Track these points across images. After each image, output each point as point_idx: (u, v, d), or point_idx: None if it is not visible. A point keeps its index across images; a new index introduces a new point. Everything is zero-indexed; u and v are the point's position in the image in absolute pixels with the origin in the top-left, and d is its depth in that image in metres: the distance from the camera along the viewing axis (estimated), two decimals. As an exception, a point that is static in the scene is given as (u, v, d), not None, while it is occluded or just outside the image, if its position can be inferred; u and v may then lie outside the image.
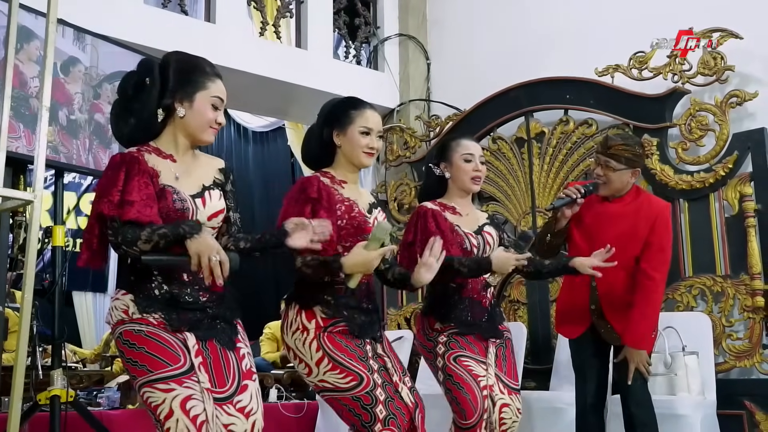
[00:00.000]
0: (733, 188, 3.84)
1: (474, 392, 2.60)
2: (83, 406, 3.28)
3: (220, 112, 2.17)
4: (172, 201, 2.06)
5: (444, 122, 5.20)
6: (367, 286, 2.51)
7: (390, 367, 2.48)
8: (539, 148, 4.63)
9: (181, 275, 2.08)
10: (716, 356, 3.71)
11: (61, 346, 3.00)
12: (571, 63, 4.57)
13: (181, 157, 2.16)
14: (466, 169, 2.84)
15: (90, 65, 3.21)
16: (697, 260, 3.95)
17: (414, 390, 2.48)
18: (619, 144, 2.92)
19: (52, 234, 3.03)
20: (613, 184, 2.95)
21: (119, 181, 2.02)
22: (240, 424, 2.02)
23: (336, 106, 2.59)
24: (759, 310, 3.68)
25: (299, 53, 5.35)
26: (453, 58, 5.57)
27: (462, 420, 2.58)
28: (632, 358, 2.88)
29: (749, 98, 3.85)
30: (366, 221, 2.49)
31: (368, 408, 2.33)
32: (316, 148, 2.60)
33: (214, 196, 2.17)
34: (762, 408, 3.61)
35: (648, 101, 4.17)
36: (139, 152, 2.11)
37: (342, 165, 2.56)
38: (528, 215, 4.64)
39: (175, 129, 2.15)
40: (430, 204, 2.86)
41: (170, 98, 2.12)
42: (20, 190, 2.40)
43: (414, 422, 2.40)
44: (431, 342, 2.78)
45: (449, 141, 2.95)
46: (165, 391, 1.95)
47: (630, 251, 2.89)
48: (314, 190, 2.42)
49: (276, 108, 5.89)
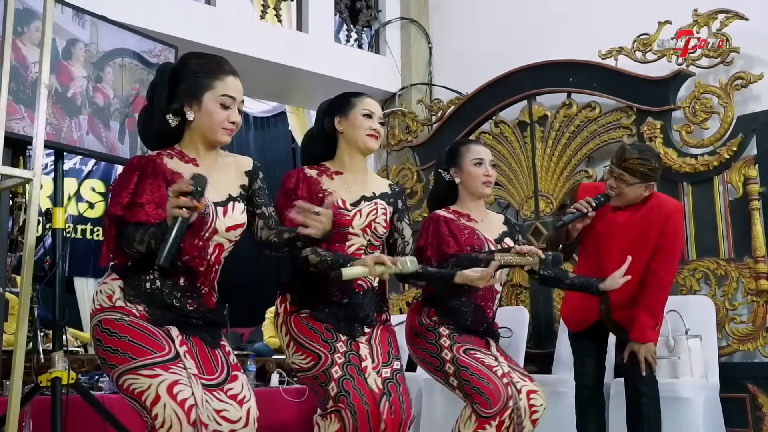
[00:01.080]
0: (738, 171, 3.81)
1: (494, 380, 2.57)
2: (84, 388, 3.27)
3: (232, 111, 2.09)
4: None
5: (446, 106, 5.17)
6: (373, 290, 2.48)
7: (365, 353, 2.41)
8: (542, 131, 4.61)
9: (179, 278, 2.05)
10: (719, 340, 3.70)
11: (62, 328, 2.98)
12: (574, 46, 4.54)
13: (203, 160, 2.12)
14: (477, 173, 2.80)
15: (90, 42, 3.18)
16: (701, 244, 3.93)
17: (391, 382, 2.39)
18: (634, 157, 2.86)
19: (52, 216, 3.00)
20: (626, 196, 2.91)
21: (131, 183, 2.01)
22: (234, 411, 1.97)
23: (335, 97, 2.59)
24: (763, 294, 3.67)
25: (300, 37, 5.31)
26: (455, 42, 5.53)
27: (486, 409, 2.51)
28: (639, 350, 2.89)
29: (754, 80, 3.82)
30: (341, 214, 2.38)
31: (323, 385, 2.33)
32: (316, 145, 2.59)
33: (237, 209, 2.12)
34: (765, 391, 3.61)
35: (652, 84, 4.14)
36: (159, 155, 2.08)
37: (343, 155, 2.52)
38: (530, 199, 4.61)
39: (192, 132, 2.12)
40: (443, 212, 2.82)
41: (179, 102, 2.08)
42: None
43: (379, 408, 2.31)
44: (432, 333, 2.71)
45: (458, 146, 2.92)
46: (150, 377, 1.88)
47: (641, 258, 2.88)
48: (292, 181, 2.45)
49: (276, 92, 5.86)
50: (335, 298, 2.42)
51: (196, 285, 2.08)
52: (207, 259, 2.09)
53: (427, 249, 2.71)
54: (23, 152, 2.94)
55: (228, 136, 2.12)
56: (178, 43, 3.76)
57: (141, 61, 3.42)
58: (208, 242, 2.08)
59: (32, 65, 2.90)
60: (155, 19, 4.31)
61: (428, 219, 2.82)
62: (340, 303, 2.43)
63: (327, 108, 2.57)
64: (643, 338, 2.90)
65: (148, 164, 2.05)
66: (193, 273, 2.07)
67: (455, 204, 2.87)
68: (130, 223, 1.98)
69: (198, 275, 2.08)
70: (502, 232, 2.87)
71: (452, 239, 2.72)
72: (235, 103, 2.11)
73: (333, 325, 2.40)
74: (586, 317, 3.04)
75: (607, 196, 2.91)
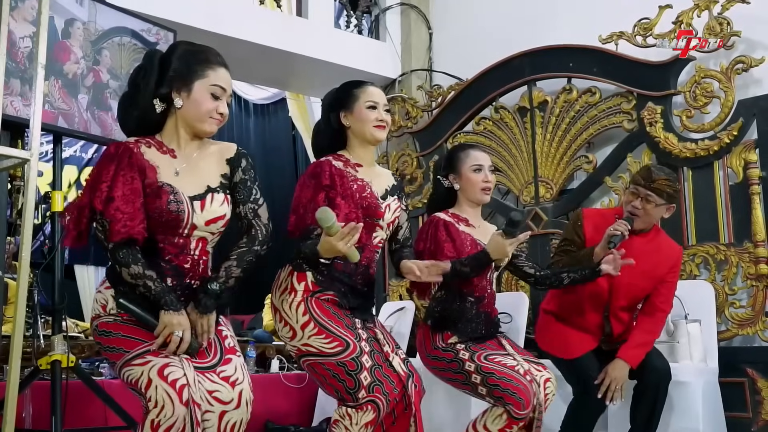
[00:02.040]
0: (738, 155, 3.80)
1: (522, 381, 2.61)
2: (84, 371, 3.28)
3: (221, 102, 2.09)
4: (167, 202, 2.01)
5: (446, 92, 5.15)
6: (367, 269, 2.48)
7: (381, 338, 2.44)
8: (542, 117, 4.59)
9: (165, 279, 2.04)
10: (719, 324, 3.70)
11: (62, 311, 2.99)
12: (575, 31, 4.52)
13: (184, 151, 2.10)
14: (476, 179, 2.82)
15: (88, 20, 3.16)
16: (701, 228, 3.92)
17: (408, 361, 2.44)
18: (663, 179, 2.89)
19: (51, 200, 3.00)
20: (650, 217, 2.94)
21: (109, 174, 1.99)
22: (226, 392, 1.98)
23: (337, 90, 2.58)
24: (762, 278, 3.67)
25: (300, 22, 5.29)
26: (455, 27, 5.50)
27: (519, 410, 2.55)
28: (612, 373, 2.87)
29: (755, 64, 3.80)
30: (377, 204, 2.45)
31: (353, 374, 2.28)
32: (325, 139, 2.58)
33: (216, 201, 2.09)
34: (764, 375, 3.60)
35: (652, 68, 4.12)
36: (136, 143, 2.07)
37: (355, 147, 2.53)
38: (530, 185, 4.61)
39: (176, 120, 2.10)
40: (443, 215, 2.84)
41: (167, 88, 2.06)
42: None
43: (407, 391, 2.35)
44: (450, 352, 2.74)
45: (457, 152, 2.93)
46: (142, 364, 1.92)
47: (646, 286, 2.93)
48: (326, 176, 2.38)
49: (276, 78, 5.84)
50: (359, 286, 2.44)
51: (185, 282, 2.06)
52: (191, 255, 2.07)
53: (425, 254, 2.71)
54: (21, 136, 2.94)
55: (215, 127, 2.10)
56: (177, 28, 3.75)
57: (140, 40, 3.40)
58: (189, 239, 2.07)
59: (20, 40, 2.87)
60: (154, 3, 4.29)
61: (428, 222, 2.82)
62: (361, 291, 2.45)
63: (330, 103, 2.56)
64: (629, 360, 2.89)
65: (125, 154, 2.02)
66: (179, 270, 2.06)
67: (454, 207, 2.89)
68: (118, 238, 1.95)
69: (185, 272, 2.07)
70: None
71: (449, 243, 2.73)
72: (225, 95, 2.10)
73: (351, 312, 2.41)
74: (581, 348, 3.01)
75: (631, 220, 2.91)
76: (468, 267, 2.68)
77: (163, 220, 2.01)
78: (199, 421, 1.89)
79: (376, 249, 2.50)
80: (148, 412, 1.89)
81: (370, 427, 2.30)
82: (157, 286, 1.97)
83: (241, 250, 2.11)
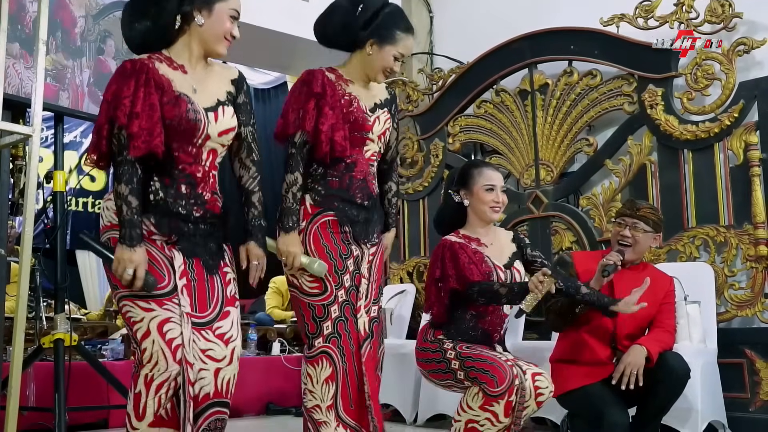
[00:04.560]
0: (739, 137, 3.80)
1: (498, 361, 2.58)
2: (86, 349, 3.30)
3: (235, 25, 2.18)
4: (186, 111, 2.08)
5: (447, 75, 5.15)
6: (364, 182, 2.49)
7: (363, 289, 2.47)
8: (543, 100, 4.59)
9: (180, 186, 2.10)
10: (718, 306, 3.71)
11: (65, 290, 3.00)
12: (576, 13, 4.51)
13: (193, 68, 2.17)
14: (487, 199, 2.79)
15: (89, -7, 3.17)
16: (701, 210, 3.93)
17: (375, 322, 2.48)
18: (646, 207, 3.03)
19: (53, 180, 3.02)
20: (639, 246, 2.99)
21: (130, 89, 2.03)
22: (219, 350, 2.05)
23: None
24: (762, 260, 3.67)
25: (301, 5, 5.26)
26: (456, 11, 5.50)
27: (493, 387, 2.51)
28: (627, 358, 2.78)
29: (757, 46, 3.79)
30: (365, 118, 2.47)
31: (317, 320, 2.37)
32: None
33: (227, 113, 2.18)
34: (762, 356, 3.63)
35: (653, 51, 4.11)
36: (150, 59, 2.11)
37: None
38: (531, 168, 4.61)
39: (191, 38, 2.16)
40: (454, 237, 2.81)
41: (189, 5, 2.13)
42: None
43: (360, 350, 2.39)
44: (436, 344, 2.73)
45: (471, 169, 2.89)
46: (145, 310, 1.99)
47: (651, 311, 2.92)
48: (318, 84, 2.41)
49: (277, 62, 5.84)
50: (358, 200, 2.47)
51: (197, 191, 2.12)
52: (202, 165, 2.14)
53: (448, 280, 2.69)
54: (23, 115, 2.94)
55: (226, 49, 2.18)
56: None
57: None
58: (201, 148, 2.13)
59: (29, 3, 2.88)
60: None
61: (441, 247, 2.77)
62: (362, 205, 2.48)
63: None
64: (649, 343, 2.81)
65: (142, 69, 2.07)
66: (192, 179, 2.12)
67: (464, 227, 2.85)
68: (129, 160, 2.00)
69: (197, 181, 2.13)
70: (512, 254, 2.84)
71: (474, 266, 2.70)
72: (237, 20, 2.19)
73: (351, 229, 2.45)
74: (592, 377, 2.92)
75: (622, 252, 2.95)
76: (506, 291, 2.63)
77: (181, 129, 2.07)
78: (191, 380, 1.98)
79: (369, 162, 2.52)
80: (140, 364, 1.97)
81: (332, 382, 2.36)
82: (128, 215, 1.99)
83: (258, 178, 2.27)
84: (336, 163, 2.43)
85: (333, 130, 2.37)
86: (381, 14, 2.48)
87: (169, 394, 1.98)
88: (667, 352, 2.86)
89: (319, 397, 2.36)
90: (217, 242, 2.18)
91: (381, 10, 2.49)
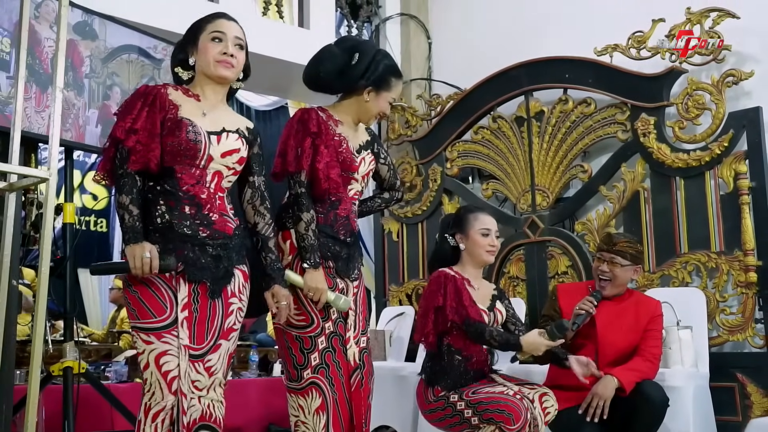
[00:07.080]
0: (728, 166, 3.90)
1: (510, 399, 2.67)
2: (94, 377, 3.38)
3: (224, 44, 2.25)
4: (186, 132, 2.17)
5: (445, 101, 5.25)
6: (347, 219, 2.55)
7: (351, 321, 2.51)
8: (538, 126, 4.69)
9: (183, 207, 2.17)
10: (710, 330, 3.79)
11: (73, 319, 3.09)
12: (571, 42, 4.62)
13: (207, 97, 2.28)
14: (483, 242, 2.93)
15: (99, 38, 3.27)
16: (693, 237, 4.02)
17: (365, 352, 2.53)
18: (623, 241, 3.07)
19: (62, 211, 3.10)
20: (618, 280, 3.06)
21: (135, 109, 2.16)
22: (204, 381, 2.14)
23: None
24: (752, 286, 3.76)
25: (301, 33, 5.39)
26: (454, 37, 5.61)
27: (511, 425, 2.61)
28: (596, 389, 2.84)
29: (745, 77, 3.90)
30: (352, 159, 2.54)
31: (305, 352, 2.40)
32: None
33: (231, 138, 2.26)
34: (753, 380, 3.71)
35: (646, 80, 4.22)
36: (164, 86, 2.26)
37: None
38: (527, 193, 4.70)
39: (197, 75, 2.30)
40: (451, 271, 2.92)
41: (183, 54, 2.30)
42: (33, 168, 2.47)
43: (350, 380, 2.45)
44: (441, 401, 2.82)
45: (466, 213, 3.02)
46: (145, 342, 2.10)
47: (634, 340, 3.02)
48: (314, 123, 2.47)
49: (278, 87, 5.94)
50: (341, 236, 2.52)
51: (203, 212, 2.19)
52: (207, 186, 2.21)
53: (446, 309, 2.79)
54: (35, 150, 3.03)
55: (225, 70, 2.25)
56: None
57: (146, 56, 3.52)
58: (205, 170, 2.22)
59: (45, 39, 2.98)
60: (158, 15, 4.39)
61: (443, 277, 2.87)
62: (344, 241, 2.53)
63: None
64: (621, 376, 2.86)
65: (151, 93, 2.21)
66: (197, 201, 2.19)
67: (457, 266, 2.97)
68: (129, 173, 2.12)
69: (202, 203, 2.20)
70: (492, 297, 3.01)
71: (474, 308, 2.83)
72: (227, 38, 2.26)
73: (335, 264, 2.49)
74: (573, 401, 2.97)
75: (600, 291, 3.03)
76: (496, 342, 2.80)
77: (181, 149, 2.17)
78: (185, 409, 2.08)
79: (353, 200, 2.59)
80: (143, 393, 2.10)
81: (323, 412, 2.39)
82: (130, 222, 2.11)
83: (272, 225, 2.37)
84: (323, 200, 2.49)
85: (328, 168, 2.44)
86: (377, 63, 2.57)
87: (166, 423, 2.08)
88: (645, 381, 2.91)
89: (312, 428, 2.41)
90: (227, 266, 2.22)
91: (375, 58, 2.58)
